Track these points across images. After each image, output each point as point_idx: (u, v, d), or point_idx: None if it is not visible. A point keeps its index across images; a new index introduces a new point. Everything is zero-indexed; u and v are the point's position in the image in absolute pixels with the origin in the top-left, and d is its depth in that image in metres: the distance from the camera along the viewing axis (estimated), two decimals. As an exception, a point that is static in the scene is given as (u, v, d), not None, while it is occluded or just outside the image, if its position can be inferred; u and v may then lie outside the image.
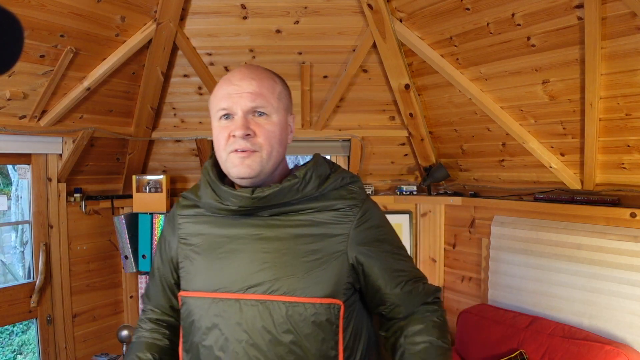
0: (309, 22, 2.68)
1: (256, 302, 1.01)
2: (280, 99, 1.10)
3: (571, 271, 2.38)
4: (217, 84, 1.11)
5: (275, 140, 1.06)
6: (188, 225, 1.16)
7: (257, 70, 1.10)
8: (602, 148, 2.23)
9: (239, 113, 1.04)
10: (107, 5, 2.33)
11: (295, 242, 1.05)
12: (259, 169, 1.05)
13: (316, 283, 1.02)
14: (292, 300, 1.01)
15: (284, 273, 1.02)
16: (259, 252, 1.05)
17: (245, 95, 1.04)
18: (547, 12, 2.03)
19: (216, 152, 1.10)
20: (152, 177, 3.10)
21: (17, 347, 3.25)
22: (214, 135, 1.10)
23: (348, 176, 1.14)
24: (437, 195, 3.18)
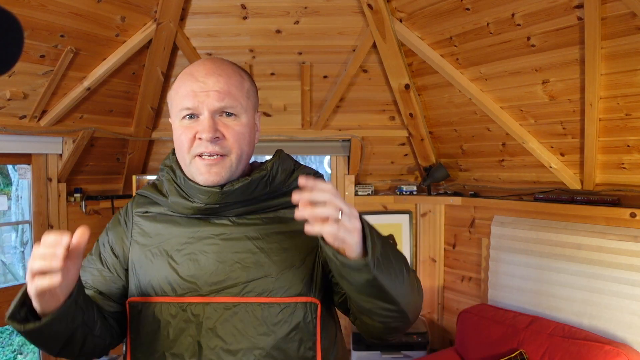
0: (309, 22, 2.68)
1: (229, 304, 0.95)
2: (249, 97, 1.02)
3: (571, 271, 2.38)
4: (179, 77, 1.01)
5: (244, 142, 0.99)
6: (147, 224, 1.06)
7: (223, 65, 1.00)
8: (602, 148, 2.23)
9: (206, 114, 0.95)
10: (107, 5, 2.33)
11: (266, 241, 0.99)
12: (228, 175, 0.97)
13: (291, 282, 0.97)
14: (267, 301, 0.95)
15: (256, 273, 0.96)
16: (228, 252, 0.98)
17: (212, 94, 0.95)
18: (547, 12, 2.03)
19: (178, 154, 1.01)
20: (152, 177, 3.10)
21: (17, 347, 3.25)
22: (175, 135, 1.00)
23: (312, 172, 1.09)
24: (437, 195, 3.18)
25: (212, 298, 0.95)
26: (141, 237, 1.05)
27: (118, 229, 1.09)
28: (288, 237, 1.00)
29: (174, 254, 1.00)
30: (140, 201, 1.10)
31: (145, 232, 1.05)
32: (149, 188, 1.10)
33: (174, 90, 1.01)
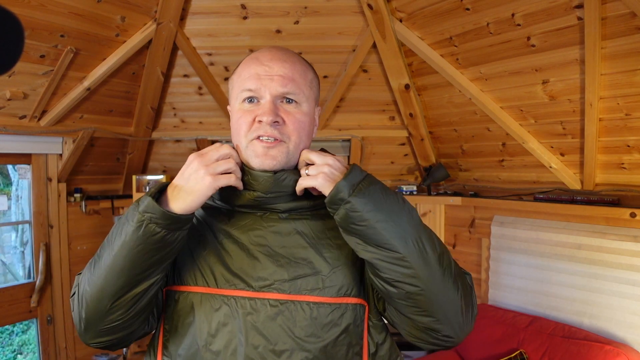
0: (309, 22, 2.68)
1: (276, 302, 0.89)
2: (312, 87, 1.00)
3: (571, 271, 2.38)
4: (243, 62, 0.99)
5: (304, 131, 0.95)
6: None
7: (288, 53, 0.99)
8: (602, 148, 2.23)
9: (267, 97, 0.92)
10: (107, 5, 2.33)
11: (317, 237, 0.94)
12: (284, 161, 0.93)
13: (342, 281, 0.92)
14: (317, 301, 0.89)
15: (307, 270, 0.91)
16: (277, 246, 0.93)
17: (276, 78, 0.93)
18: (547, 12, 2.03)
19: (234, 138, 0.97)
20: (152, 177, 3.10)
21: (17, 347, 3.25)
22: (233, 119, 0.98)
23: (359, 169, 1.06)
24: (437, 195, 3.18)
25: (258, 293, 0.90)
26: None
27: None
28: (339, 234, 0.92)
29: (218, 245, 0.96)
30: None
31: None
32: None
33: (237, 74, 0.99)
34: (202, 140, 3.19)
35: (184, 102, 3.09)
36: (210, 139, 3.21)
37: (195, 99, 3.07)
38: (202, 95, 3.04)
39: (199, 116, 3.15)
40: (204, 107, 3.10)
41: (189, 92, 3.04)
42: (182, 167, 0.91)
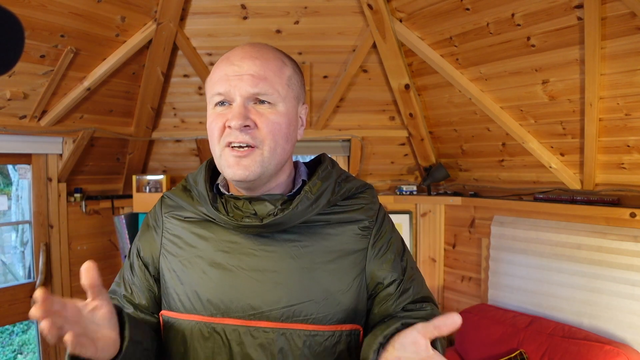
0: (309, 22, 2.68)
1: (268, 330, 0.85)
2: (290, 85, 0.91)
3: (571, 271, 2.38)
4: (216, 63, 0.93)
5: (280, 134, 0.88)
6: (178, 230, 0.96)
7: (263, 49, 0.92)
8: (602, 148, 2.23)
9: (237, 100, 0.86)
10: (107, 5, 2.33)
11: (310, 260, 0.89)
12: (259, 170, 0.87)
13: (337, 307, 0.88)
14: (311, 329, 0.85)
15: (300, 297, 0.86)
16: (268, 270, 0.87)
17: (245, 77, 0.86)
18: (547, 12, 2.03)
19: (210, 145, 0.92)
20: (152, 177, 3.10)
21: (17, 347, 3.25)
22: (207, 124, 0.92)
23: (358, 184, 1.00)
24: (437, 195, 3.18)
25: (249, 322, 0.86)
26: (172, 245, 0.95)
27: (147, 235, 1.00)
28: (335, 258, 0.90)
29: (207, 268, 0.90)
30: (169, 203, 1.01)
31: (176, 240, 0.95)
32: (177, 192, 1.00)
33: (210, 76, 0.94)
34: (202, 140, 3.19)
35: (184, 102, 3.09)
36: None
37: (195, 99, 3.07)
38: (202, 95, 3.04)
39: (199, 116, 3.15)
40: (204, 107, 3.07)
41: (189, 92, 3.04)
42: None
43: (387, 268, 0.94)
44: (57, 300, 0.69)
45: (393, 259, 0.96)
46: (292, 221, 0.89)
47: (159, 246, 0.97)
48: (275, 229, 0.88)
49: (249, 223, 0.87)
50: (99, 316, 0.75)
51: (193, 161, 3.32)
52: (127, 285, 0.98)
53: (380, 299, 0.94)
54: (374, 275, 0.93)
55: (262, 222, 0.87)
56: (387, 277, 0.94)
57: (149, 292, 0.97)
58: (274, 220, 0.86)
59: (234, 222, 0.88)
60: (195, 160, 3.31)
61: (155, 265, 0.97)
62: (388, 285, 0.94)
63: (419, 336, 0.71)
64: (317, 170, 0.96)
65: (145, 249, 0.98)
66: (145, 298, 0.97)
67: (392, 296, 0.93)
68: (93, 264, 0.73)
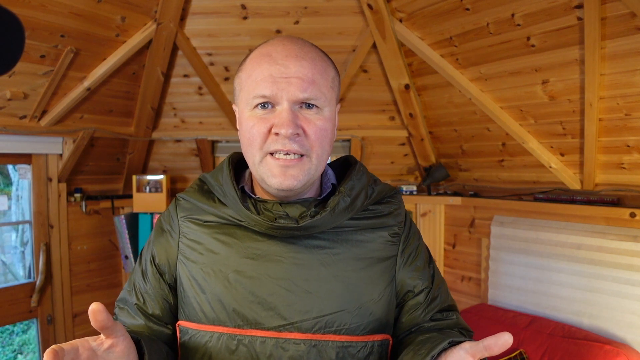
0: (309, 22, 2.68)
1: (299, 342, 0.80)
2: (333, 87, 0.86)
3: (571, 271, 2.38)
4: (252, 57, 0.85)
5: (326, 140, 0.84)
6: (197, 235, 0.89)
7: (305, 47, 0.85)
8: (601, 148, 2.23)
9: (284, 105, 0.79)
10: (107, 6, 2.34)
11: (341, 268, 0.84)
12: (306, 179, 0.82)
13: (369, 317, 0.84)
14: (344, 340, 0.81)
15: (332, 306, 0.82)
16: (298, 278, 0.83)
17: (294, 81, 0.79)
18: (547, 12, 2.03)
19: (246, 150, 0.85)
20: (152, 177, 3.10)
21: (17, 347, 3.25)
22: (243, 127, 0.84)
23: (388, 188, 0.96)
24: (437, 195, 3.18)
25: (280, 333, 0.81)
26: (191, 250, 0.88)
27: (161, 240, 0.93)
28: (366, 265, 0.86)
29: (231, 276, 0.84)
30: (185, 206, 0.93)
31: (195, 246, 0.88)
32: (194, 194, 0.94)
33: (245, 72, 0.84)
34: (202, 140, 3.19)
35: (184, 102, 3.09)
36: (210, 139, 3.21)
37: (195, 99, 3.07)
38: (202, 95, 3.04)
39: (199, 116, 3.16)
40: (204, 107, 3.10)
41: (189, 92, 3.04)
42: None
43: (417, 276, 0.92)
44: (69, 350, 0.64)
45: (422, 266, 0.94)
46: (329, 224, 0.84)
47: (176, 252, 0.90)
48: (310, 232, 0.84)
49: (283, 224, 0.82)
50: (116, 353, 0.70)
51: (193, 161, 3.32)
52: (139, 293, 0.92)
53: (409, 307, 0.91)
54: (404, 283, 0.91)
55: (298, 223, 0.82)
56: (418, 285, 0.91)
57: (164, 301, 0.91)
58: (311, 222, 0.81)
59: (267, 223, 0.82)
60: (195, 160, 3.31)
61: (171, 273, 0.91)
62: (418, 293, 0.91)
63: (467, 356, 0.68)
64: (349, 172, 0.91)
65: (161, 254, 0.91)
66: (159, 308, 0.91)
67: (422, 305, 0.91)
68: (101, 307, 0.66)
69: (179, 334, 0.89)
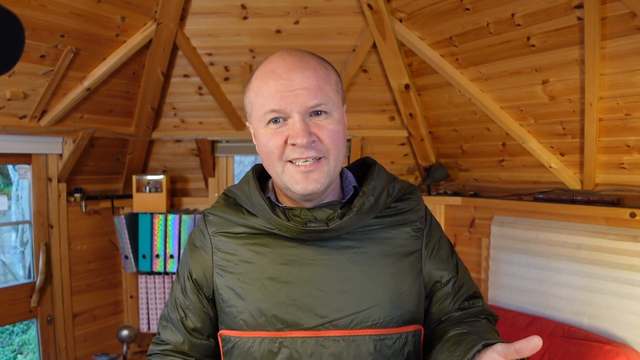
0: (309, 22, 2.68)
1: (338, 338, 0.85)
2: (337, 89, 0.90)
3: (571, 271, 2.38)
4: (257, 75, 0.89)
5: (340, 142, 0.88)
6: (230, 247, 0.93)
7: (305, 57, 0.88)
8: (601, 148, 2.23)
9: (296, 117, 0.84)
10: (107, 6, 2.34)
11: (371, 265, 0.89)
12: (327, 181, 0.87)
13: (402, 310, 0.89)
14: (380, 333, 0.86)
15: (365, 302, 0.87)
16: (331, 279, 0.88)
17: (300, 92, 0.84)
18: (547, 12, 2.03)
19: (266, 163, 0.90)
20: (152, 177, 3.10)
21: (17, 347, 3.25)
22: (260, 142, 0.89)
23: (407, 184, 1.01)
24: (437, 195, 3.18)
25: (318, 332, 0.86)
26: (226, 262, 0.93)
27: (196, 255, 0.97)
28: (394, 261, 0.91)
29: (267, 282, 0.89)
30: (214, 221, 0.98)
31: (230, 258, 0.93)
32: (222, 209, 0.98)
33: (253, 91, 0.89)
34: (202, 140, 3.19)
35: (184, 102, 3.09)
36: (210, 139, 3.21)
37: (195, 99, 3.07)
38: (202, 95, 3.04)
39: (199, 116, 3.15)
40: (204, 107, 3.10)
41: (189, 92, 3.04)
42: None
43: (443, 267, 0.97)
44: None
45: (446, 257, 0.99)
46: (356, 224, 0.89)
47: (211, 265, 0.94)
48: (339, 232, 0.89)
49: (314, 228, 0.86)
50: None
51: (193, 161, 3.32)
52: (179, 308, 0.98)
53: (438, 297, 0.97)
54: (431, 275, 0.96)
55: (327, 225, 0.86)
56: (444, 276, 0.97)
57: (204, 314, 0.97)
58: (340, 223, 0.86)
59: (299, 228, 0.87)
60: (195, 160, 3.31)
61: (209, 286, 0.95)
62: (445, 283, 0.97)
63: (500, 358, 0.72)
64: (370, 172, 0.96)
65: (197, 270, 0.96)
66: (200, 321, 0.96)
67: (450, 294, 0.97)
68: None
69: (222, 344, 0.94)
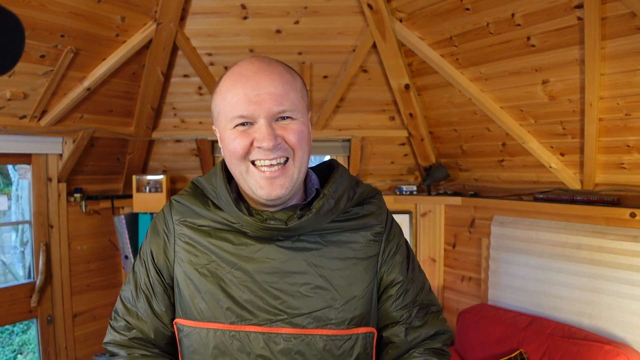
0: (309, 22, 2.68)
1: (289, 336, 0.87)
2: (303, 96, 0.92)
3: (571, 271, 2.38)
4: (224, 80, 0.91)
5: (305, 142, 0.89)
6: (191, 237, 0.94)
7: (272, 63, 0.90)
8: (602, 148, 2.23)
9: (262, 121, 0.85)
10: (107, 6, 2.33)
11: (327, 268, 0.91)
12: (292, 186, 0.88)
13: (354, 312, 0.90)
14: (331, 333, 0.88)
15: (319, 303, 0.89)
16: (287, 278, 0.89)
17: (267, 97, 0.84)
18: (547, 12, 2.03)
19: (230, 163, 0.90)
20: (152, 177, 3.10)
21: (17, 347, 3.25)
22: (226, 142, 0.89)
23: (369, 189, 1.03)
24: (437, 195, 3.18)
25: (271, 328, 0.87)
26: (186, 253, 0.94)
27: (157, 241, 0.98)
28: (350, 265, 0.93)
29: (225, 275, 0.90)
30: (180, 209, 0.98)
31: (190, 249, 0.94)
32: (188, 198, 0.98)
33: (221, 95, 0.90)
34: (202, 140, 3.19)
35: (184, 102, 3.09)
36: (210, 139, 3.21)
37: (195, 99, 3.07)
38: (202, 95, 3.04)
39: (199, 116, 3.15)
40: (204, 107, 3.10)
41: (189, 92, 3.04)
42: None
43: (395, 270, 0.98)
44: None
45: (401, 261, 1.00)
46: (314, 225, 0.90)
47: (173, 254, 0.96)
48: (297, 232, 0.90)
49: (273, 225, 0.88)
50: None
51: (193, 161, 3.32)
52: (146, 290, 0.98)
53: (382, 299, 0.98)
54: (384, 278, 0.98)
55: (286, 224, 0.88)
56: (395, 279, 0.98)
57: (167, 299, 0.98)
58: (298, 223, 0.88)
59: (258, 224, 0.88)
60: (195, 160, 3.31)
61: (169, 273, 0.97)
62: (392, 286, 0.98)
63: None
64: (332, 175, 0.96)
65: (159, 255, 0.97)
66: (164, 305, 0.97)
67: (392, 297, 0.98)
68: None
69: (177, 332, 0.95)
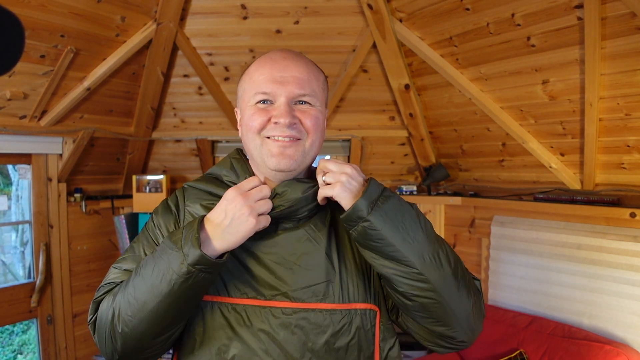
0: (309, 22, 2.68)
1: (289, 310, 0.89)
2: (324, 90, 0.99)
3: (571, 271, 2.38)
4: (255, 63, 0.97)
5: (319, 128, 0.94)
6: (200, 212, 0.98)
7: (300, 55, 0.98)
8: (602, 148, 2.23)
9: (282, 100, 0.91)
10: (107, 6, 2.33)
11: (328, 244, 0.94)
12: (301, 159, 0.92)
13: (353, 287, 0.93)
14: (329, 308, 0.90)
15: (319, 277, 0.91)
16: (288, 254, 0.92)
17: (291, 80, 0.92)
18: (547, 12, 2.03)
19: (245, 136, 0.95)
20: (152, 177, 3.10)
21: (17, 347, 3.25)
22: (244, 116, 0.95)
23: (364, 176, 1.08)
24: (437, 195, 3.18)
25: (270, 302, 0.90)
26: None
27: (168, 216, 1.01)
28: (348, 241, 0.96)
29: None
30: (192, 192, 1.02)
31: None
32: (202, 182, 1.03)
33: (248, 75, 0.97)
34: (202, 140, 3.19)
35: (184, 102, 3.09)
36: (210, 139, 3.21)
37: (195, 99, 3.07)
38: (202, 95, 3.04)
39: (199, 116, 3.15)
40: (204, 107, 3.10)
41: (189, 92, 3.04)
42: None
43: None
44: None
45: None
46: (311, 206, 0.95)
47: (182, 224, 0.98)
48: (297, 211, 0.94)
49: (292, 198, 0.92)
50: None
51: (193, 161, 3.32)
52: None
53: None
54: None
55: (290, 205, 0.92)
56: None
57: None
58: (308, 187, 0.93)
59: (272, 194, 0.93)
60: (195, 161, 3.31)
61: None
62: None
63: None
64: None
65: (169, 226, 1.00)
66: None
67: None
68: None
69: None
